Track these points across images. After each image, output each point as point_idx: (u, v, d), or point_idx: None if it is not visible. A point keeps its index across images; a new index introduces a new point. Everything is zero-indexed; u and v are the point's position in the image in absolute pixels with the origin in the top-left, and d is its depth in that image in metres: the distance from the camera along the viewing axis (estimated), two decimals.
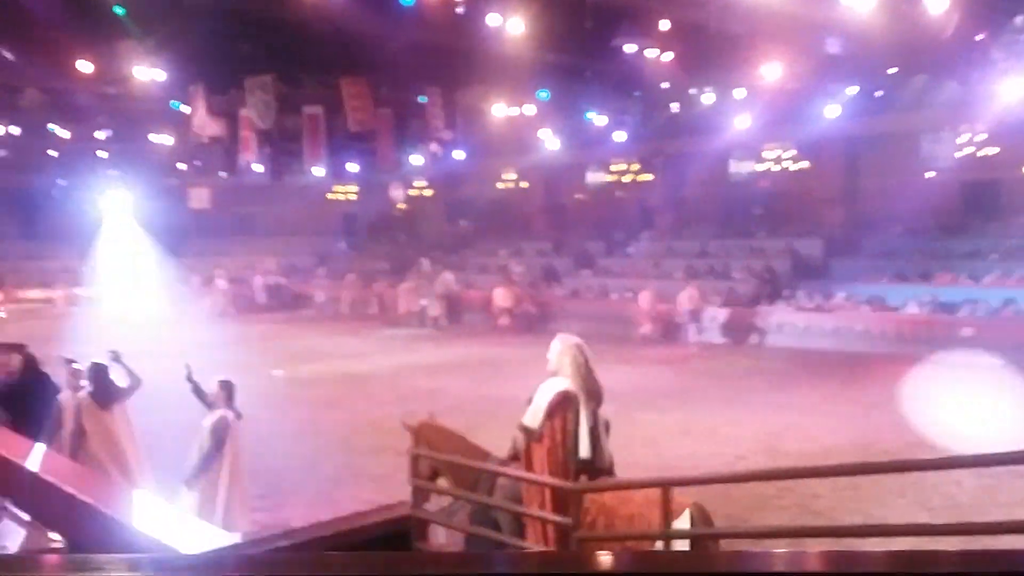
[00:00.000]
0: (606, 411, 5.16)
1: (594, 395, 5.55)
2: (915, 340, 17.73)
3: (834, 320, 19.25)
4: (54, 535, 5.19)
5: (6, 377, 8.58)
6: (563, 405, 5.40)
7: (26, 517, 5.56)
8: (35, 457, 6.35)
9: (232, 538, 5.65)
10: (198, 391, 7.30)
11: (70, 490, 5.37)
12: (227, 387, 7.28)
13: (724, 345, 19.61)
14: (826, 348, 18.45)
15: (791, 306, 20.49)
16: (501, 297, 23.64)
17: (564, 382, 5.47)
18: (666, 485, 5.02)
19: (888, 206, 21.87)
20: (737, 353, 18.50)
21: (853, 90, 20.28)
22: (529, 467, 5.41)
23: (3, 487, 6.04)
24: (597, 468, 5.48)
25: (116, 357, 7.60)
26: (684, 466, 9.61)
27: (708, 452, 10.38)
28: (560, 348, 5.62)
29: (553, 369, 5.57)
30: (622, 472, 8.69)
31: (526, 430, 5.42)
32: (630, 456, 10.10)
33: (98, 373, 7.68)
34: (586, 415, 5.45)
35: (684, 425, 11.92)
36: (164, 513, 5.33)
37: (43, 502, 5.58)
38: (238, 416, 7.24)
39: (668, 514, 4.81)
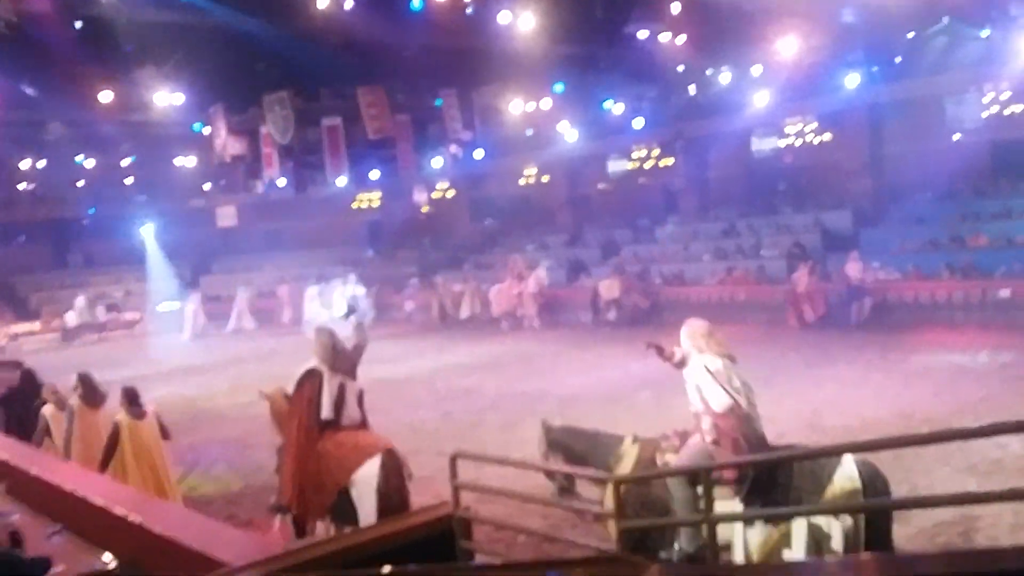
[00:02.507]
0: (642, 397, 5.27)
1: (339, 369, 6.99)
2: (950, 306, 17.49)
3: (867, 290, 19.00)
4: (107, 557, 5.28)
5: (6, 390, 10.01)
6: (308, 378, 6.92)
7: (79, 540, 5.68)
8: (85, 481, 6.47)
9: (277, 547, 5.70)
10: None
11: (120, 511, 5.45)
12: (126, 393, 8.13)
13: (760, 324, 19.42)
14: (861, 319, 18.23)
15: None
16: (607, 288, 22.07)
17: (312, 361, 7.00)
18: (696, 472, 5.03)
19: (915, 172, 21.59)
20: (770, 332, 18.33)
21: (872, 57, 20.00)
22: (288, 424, 6.98)
23: (56, 512, 6.16)
24: (342, 426, 6.90)
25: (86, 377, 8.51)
26: None
27: None
28: (315, 338, 7.16)
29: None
30: None
31: (285, 397, 7.06)
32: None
33: (85, 380, 8.53)
34: (329, 385, 6.88)
35: None
36: (209, 527, 5.39)
37: (95, 525, 5.68)
38: (141, 416, 8.05)
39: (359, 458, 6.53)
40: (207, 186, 33.69)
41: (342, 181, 25.73)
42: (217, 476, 10.55)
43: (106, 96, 19.42)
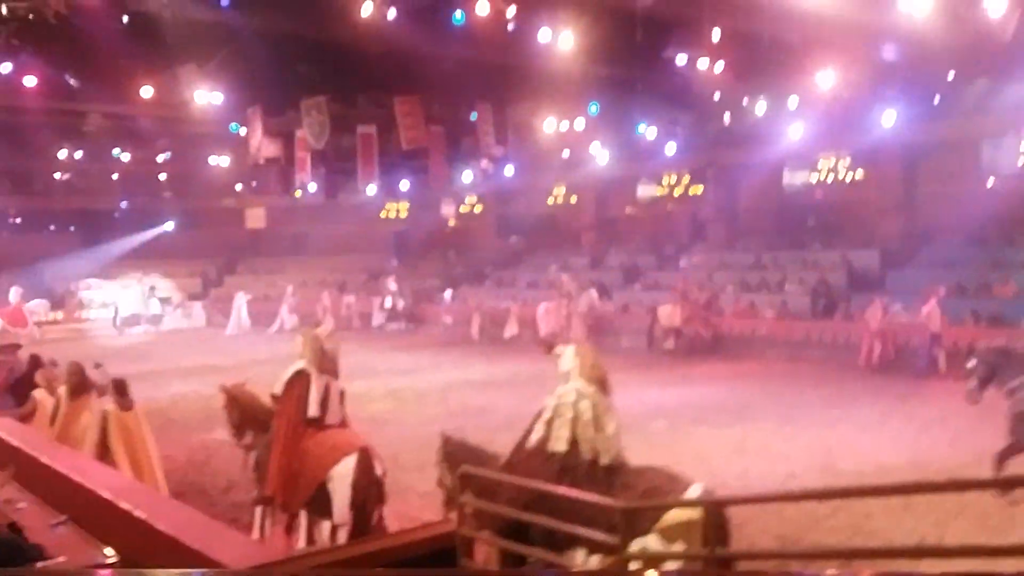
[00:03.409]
0: (656, 426, 5.22)
1: (325, 370, 7.37)
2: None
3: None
4: (108, 550, 5.28)
5: (14, 377, 10.40)
6: (298, 378, 7.27)
7: (82, 532, 5.69)
8: (91, 473, 6.48)
9: (277, 553, 5.69)
10: None
11: (125, 506, 5.45)
12: (115, 385, 8.36)
13: (780, 361, 19.22)
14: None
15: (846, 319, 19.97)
16: (668, 316, 20.83)
17: (300, 362, 7.33)
18: (712, 505, 4.97)
19: (947, 215, 21.35)
20: (790, 369, 18.14)
21: (910, 96, 19.84)
22: (276, 421, 7.29)
23: (61, 502, 6.17)
24: (326, 424, 7.29)
25: (98, 366, 8.78)
26: (737, 484, 9.45)
27: (761, 469, 10.18)
28: (303, 340, 7.57)
29: (299, 353, 7.41)
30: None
31: (273, 396, 7.36)
32: (683, 473, 9.98)
33: (73, 370, 8.79)
34: (316, 386, 7.24)
35: (738, 441, 11.72)
36: (212, 528, 5.38)
37: (98, 517, 5.69)
38: (128, 407, 8.26)
39: (335, 455, 6.92)
40: (239, 187, 34.00)
41: (372, 189, 25.89)
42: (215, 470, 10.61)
43: (147, 91, 19.66)
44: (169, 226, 34.75)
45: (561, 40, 16.51)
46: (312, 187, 26.20)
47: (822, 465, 10.37)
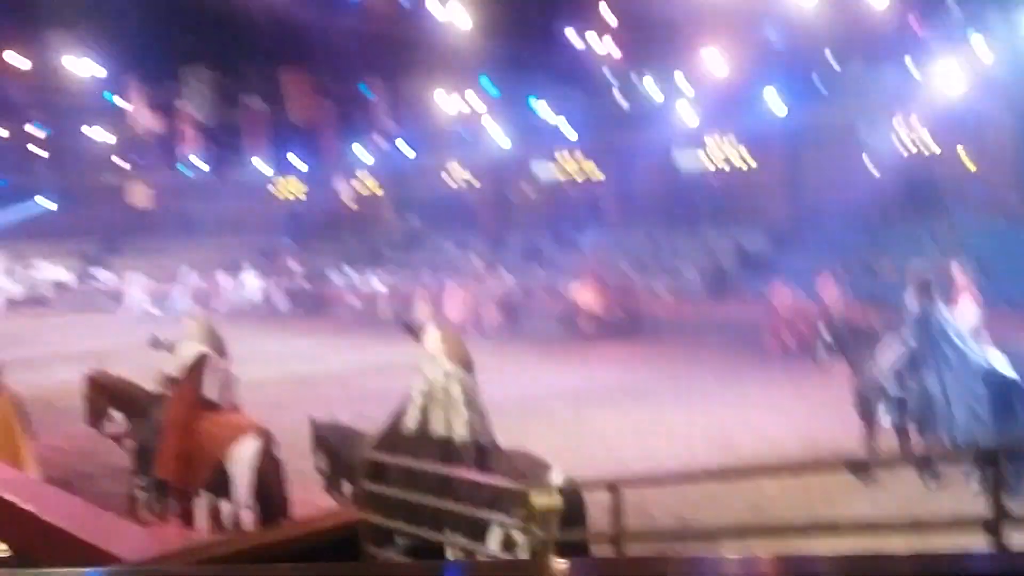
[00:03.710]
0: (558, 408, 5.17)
1: (221, 353, 7.53)
2: None
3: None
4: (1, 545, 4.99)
5: None
6: (200, 360, 7.36)
7: None
8: None
9: (176, 544, 5.46)
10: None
11: (11, 498, 5.18)
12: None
13: (674, 342, 19.50)
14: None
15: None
16: (586, 301, 20.44)
17: (200, 346, 7.40)
18: (614, 488, 4.96)
19: (831, 197, 22.05)
20: (685, 351, 18.42)
21: (792, 77, 20.34)
22: (172, 403, 7.30)
23: None
24: (220, 407, 7.38)
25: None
26: (638, 465, 9.50)
27: (663, 450, 10.29)
28: (196, 324, 7.69)
29: (194, 336, 7.49)
30: (575, 471, 8.51)
31: (170, 378, 7.37)
32: (584, 456, 9.99)
33: None
34: (215, 369, 7.40)
35: (639, 423, 11.82)
36: (105, 520, 5.14)
37: None
38: None
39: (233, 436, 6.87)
40: (122, 163, 32.41)
41: (262, 165, 25.11)
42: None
43: (13, 57, 18.46)
44: (49, 204, 32.83)
45: (455, 15, 16.30)
46: (199, 163, 25.22)
47: (721, 445, 10.55)
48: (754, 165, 25.34)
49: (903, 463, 8.88)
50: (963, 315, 9.34)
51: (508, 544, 5.31)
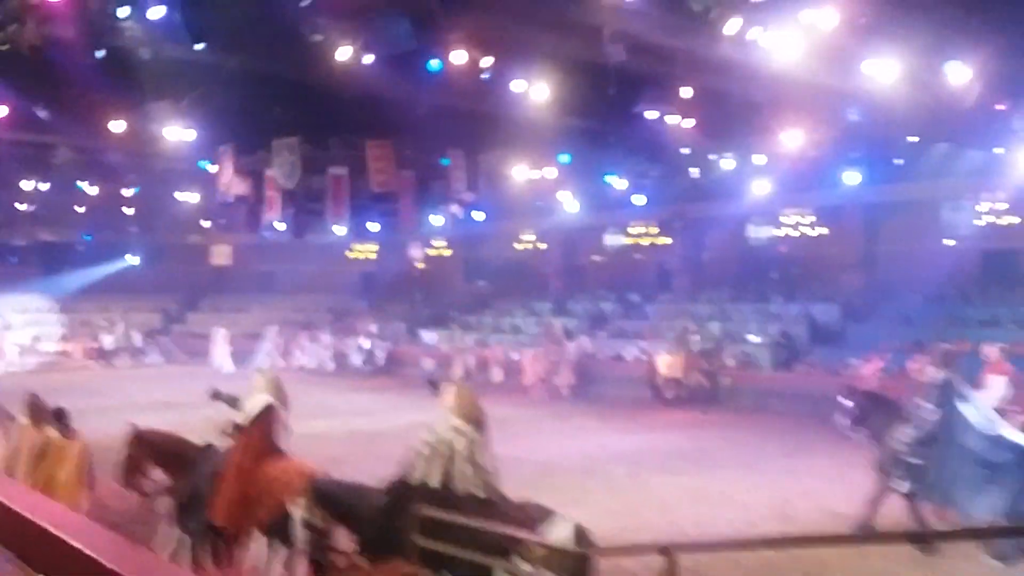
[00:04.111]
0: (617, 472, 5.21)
1: (285, 404, 7.81)
2: None
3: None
4: None
5: None
6: (268, 412, 7.61)
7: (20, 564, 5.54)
8: (32, 503, 6.38)
9: None
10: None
11: (76, 544, 5.33)
12: (54, 413, 8.95)
13: (738, 410, 19.40)
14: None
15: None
16: (668, 366, 20.66)
17: (268, 397, 7.66)
18: (669, 551, 5.08)
19: (906, 273, 21.86)
20: (751, 419, 18.32)
21: (873, 157, 20.45)
22: (232, 452, 7.48)
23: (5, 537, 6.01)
24: (284, 455, 7.65)
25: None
26: (695, 531, 9.53)
27: (720, 517, 10.28)
28: (262, 378, 8.00)
29: (261, 389, 7.77)
30: (632, 535, 8.63)
31: (237, 426, 7.56)
32: (640, 519, 10.06)
33: (33, 401, 9.05)
34: (280, 419, 7.71)
35: (697, 490, 11.82)
36: (168, 571, 5.31)
37: (44, 554, 5.55)
38: (69, 434, 8.84)
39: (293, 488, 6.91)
40: (206, 224, 33.77)
41: (341, 230, 25.87)
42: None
43: (118, 126, 19.54)
44: (133, 260, 34.39)
45: (534, 91, 16.77)
46: (280, 226, 26.11)
47: (780, 514, 10.49)
48: (828, 237, 25.24)
49: (963, 536, 8.79)
50: (990, 392, 9.44)
51: None
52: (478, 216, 27.36)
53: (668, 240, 28.88)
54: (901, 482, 9.25)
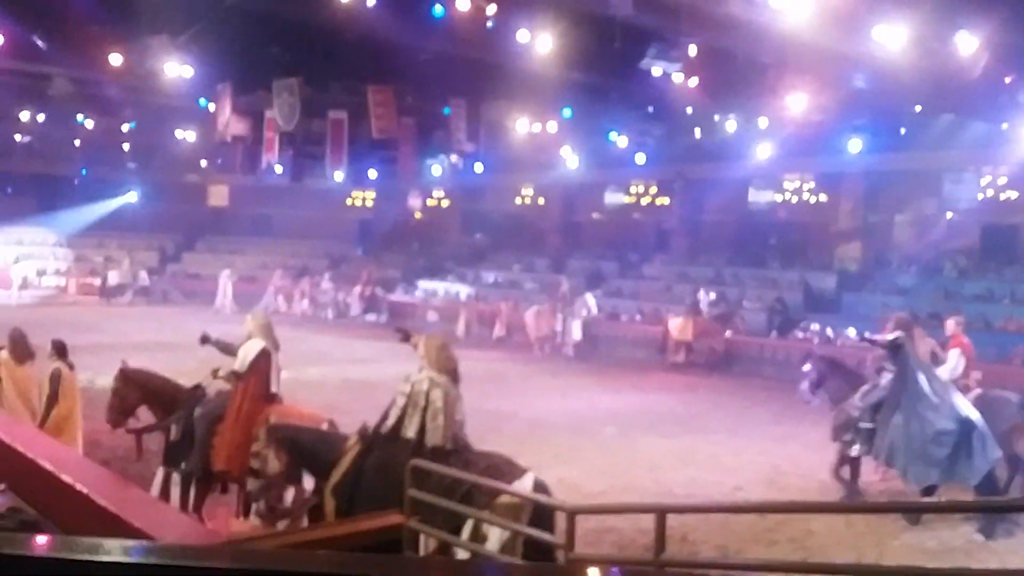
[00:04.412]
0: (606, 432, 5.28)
1: (277, 348, 7.84)
2: None
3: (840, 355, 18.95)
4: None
5: None
6: (263, 356, 7.64)
7: (19, 502, 5.57)
8: (33, 443, 6.39)
9: (218, 536, 5.69)
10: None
11: (66, 478, 5.39)
12: (57, 346, 8.67)
13: (730, 375, 19.44)
14: None
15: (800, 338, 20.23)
16: (680, 329, 20.23)
17: (262, 342, 7.68)
18: (661, 512, 5.05)
19: (904, 243, 21.77)
20: (742, 383, 18.36)
21: (877, 125, 20.26)
22: (231, 397, 7.55)
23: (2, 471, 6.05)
24: (279, 399, 7.76)
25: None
26: (683, 493, 9.58)
27: (708, 480, 10.33)
28: (254, 321, 7.95)
29: (252, 333, 7.78)
30: (619, 494, 8.69)
31: (235, 373, 7.56)
32: (628, 478, 10.11)
33: (15, 337, 8.94)
34: (275, 363, 7.74)
35: (686, 452, 11.86)
36: (157, 507, 5.34)
37: (38, 488, 5.59)
38: (71, 367, 8.66)
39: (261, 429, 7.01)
40: (203, 163, 33.56)
41: (340, 176, 25.73)
42: None
43: (116, 59, 19.31)
44: (132, 197, 34.22)
45: (539, 42, 16.54)
46: (278, 169, 25.95)
47: (767, 479, 10.53)
48: (828, 204, 25.12)
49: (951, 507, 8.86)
50: (948, 364, 9.56)
51: (477, 537, 5.61)
52: (478, 168, 27.19)
53: (668, 200, 28.70)
54: (853, 447, 9.46)
